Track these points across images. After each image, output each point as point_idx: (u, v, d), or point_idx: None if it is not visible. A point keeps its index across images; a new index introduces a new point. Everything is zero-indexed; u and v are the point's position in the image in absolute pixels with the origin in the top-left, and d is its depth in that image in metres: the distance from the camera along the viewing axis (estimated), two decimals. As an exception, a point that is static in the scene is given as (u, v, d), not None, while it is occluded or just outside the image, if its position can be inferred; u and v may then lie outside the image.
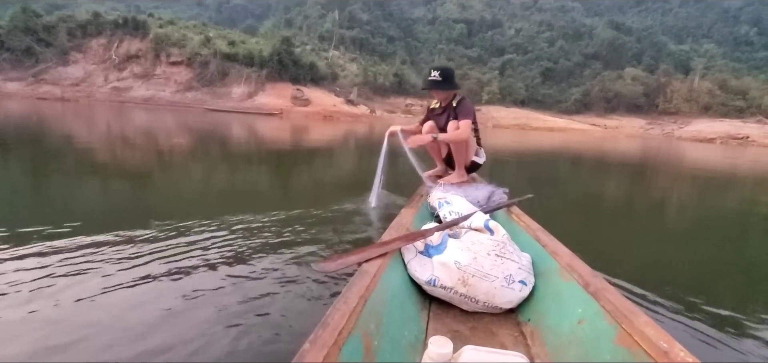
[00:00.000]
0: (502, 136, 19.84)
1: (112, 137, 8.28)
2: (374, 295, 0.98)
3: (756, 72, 49.65)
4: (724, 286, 2.25)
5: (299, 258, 1.98)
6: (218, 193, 3.81)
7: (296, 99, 31.04)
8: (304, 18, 58.67)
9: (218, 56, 33.08)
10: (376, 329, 0.90)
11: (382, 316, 0.96)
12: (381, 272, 1.11)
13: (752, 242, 3.58)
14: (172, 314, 1.44)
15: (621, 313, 0.90)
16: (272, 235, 2.29)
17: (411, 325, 1.08)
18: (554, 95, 49.53)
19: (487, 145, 2.98)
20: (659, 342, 0.78)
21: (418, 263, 1.31)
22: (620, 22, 64.48)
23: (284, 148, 8.42)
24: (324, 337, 0.73)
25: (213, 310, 1.47)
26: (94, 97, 28.90)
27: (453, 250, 1.28)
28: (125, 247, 1.99)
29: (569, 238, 1.49)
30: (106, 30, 34.46)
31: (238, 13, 71.07)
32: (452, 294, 1.23)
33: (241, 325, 1.38)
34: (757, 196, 6.09)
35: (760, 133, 32.15)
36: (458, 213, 1.70)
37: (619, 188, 6.49)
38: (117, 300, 1.52)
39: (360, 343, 0.82)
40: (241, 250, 2.03)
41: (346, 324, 0.79)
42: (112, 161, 5.30)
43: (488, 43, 60.56)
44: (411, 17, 66.33)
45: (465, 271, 1.22)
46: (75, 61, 32.66)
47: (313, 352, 0.69)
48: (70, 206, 2.99)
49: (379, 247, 1.27)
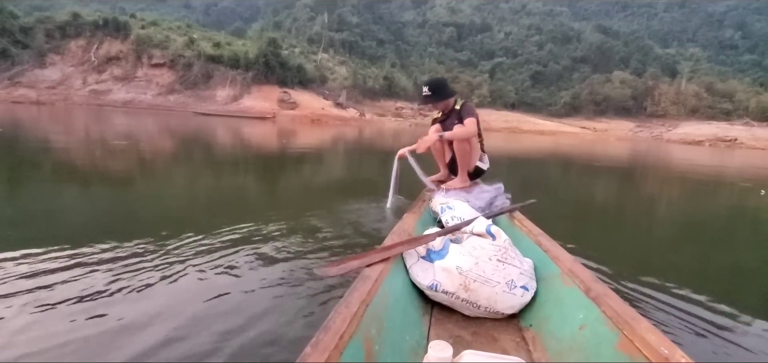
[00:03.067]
0: (493, 140, 19.39)
1: (102, 143, 7.60)
2: (376, 300, 0.99)
3: (741, 75, 50.55)
4: (725, 286, 2.22)
5: (302, 262, 1.97)
6: (214, 199, 3.70)
7: (283, 102, 30.26)
8: (292, 21, 58.17)
9: (202, 58, 32.16)
10: (377, 334, 0.90)
11: (384, 320, 0.96)
12: (383, 277, 1.12)
13: (753, 242, 3.50)
14: (173, 315, 1.42)
15: (622, 319, 0.90)
16: (273, 239, 2.28)
17: (412, 329, 1.09)
18: (544, 98, 49.72)
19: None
20: (660, 348, 0.77)
21: (420, 268, 1.31)
22: (607, 26, 65.42)
23: (282, 153, 8.22)
24: (325, 341, 0.74)
25: (215, 313, 1.47)
26: (71, 101, 27.84)
27: (455, 255, 1.28)
28: (127, 252, 1.96)
29: (569, 242, 1.51)
30: (86, 31, 33.36)
31: (226, 16, 70.32)
32: (454, 299, 1.22)
33: (243, 328, 1.37)
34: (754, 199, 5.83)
35: (748, 135, 32.44)
36: (460, 218, 1.68)
37: (617, 191, 6.33)
38: (119, 302, 1.50)
39: (361, 348, 0.82)
40: (242, 254, 2.03)
41: (347, 328, 0.80)
42: (115, 169, 4.94)
43: (478, 46, 60.77)
44: (401, 20, 66.30)
45: (467, 276, 1.22)
46: (52, 63, 31.55)
47: (314, 355, 0.70)
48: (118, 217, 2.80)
49: (381, 252, 1.28)
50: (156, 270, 1.77)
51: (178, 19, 48.06)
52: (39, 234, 2.20)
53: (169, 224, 2.45)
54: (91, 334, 1.28)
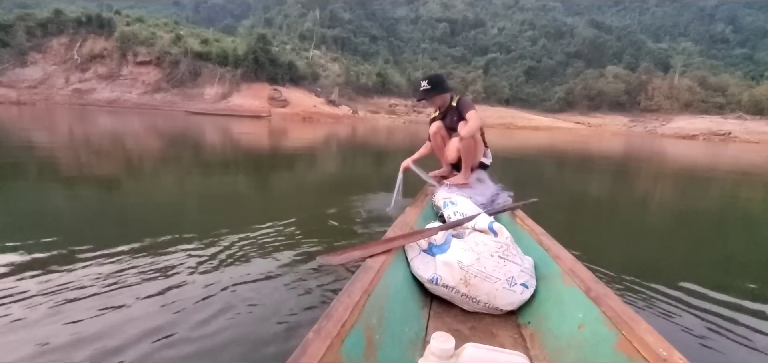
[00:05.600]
0: (488, 136, 19.02)
1: (106, 145, 7.02)
2: (377, 291, 1.00)
3: (732, 69, 50.66)
4: (726, 282, 2.14)
5: (303, 253, 1.98)
6: (214, 197, 3.64)
7: (273, 100, 29.52)
8: (284, 17, 57.30)
9: (189, 55, 31.25)
10: (378, 324, 0.92)
11: (385, 311, 0.98)
12: (384, 268, 1.13)
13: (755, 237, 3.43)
14: (174, 311, 1.42)
15: (622, 320, 0.90)
16: (274, 233, 2.28)
17: (412, 321, 1.10)
18: (538, 94, 49.49)
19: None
20: (659, 349, 0.78)
21: (421, 261, 1.32)
22: (600, 21, 65.37)
23: (278, 151, 8.22)
24: (328, 328, 0.76)
25: (216, 299, 1.48)
26: (53, 100, 26.92)
27: (456, 250, 1.28)
28: (128, 249, 1.95)
29: (568, 239, 1.51)
30: (69, 28, 32.29)
31: (216, 13, 69.08)
32: (454, 293, 1.23)
33: (245, 315, 1.38)
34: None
35: (742, 129, 32.46)
36: (463, 214, 1.66)
37: (617, 188, 6.19)
38: (124, 299, 1.48)
39: (362, 336, 0.84)
40: (246, 245, 2.05)
41: (349, 317, 0.81)
42: (117, 170, 4.84)
43: (471, 42, 60.38)
44: (393, 16, 65.71)
45: (467, 271, 1.22)
46: (34, 62, 30.52)
47: (316, 342, 0.71)
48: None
49: (383, 244, 1.29)
50: (155, 267, 1.76)
51: (167, 16, 46.91)
52: (42, 240, 2.07)
53: (169, 224, 2.42)
54: (92, 332, 1.26)
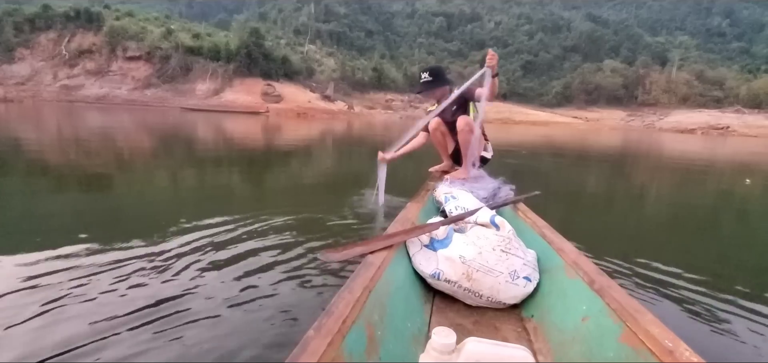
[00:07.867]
0: (486, 131, 18.75)
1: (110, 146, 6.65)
2: (378, 286, 0.99)
3: (729, 62, 50.47)
4: (729, 272, 2.16)
5: (304, 249, 1.95)
6: (212, 193, 3.65)
7: (267, 95, 28.97)
8: (278, 11, 56.58)
9: (180, 50, 30.59)
10: (379, 320, 0.91)
11: (386, 307, 0.97)
12: (386, 264, 1.11)
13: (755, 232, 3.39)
14: (174, 304, 1.42)
15: (626, 312, 0.89)
16: (273, 229, 2.25)
17: (414, 317, 1.09)
18: (535, 88, 49.14)
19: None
20: (664, 341, 0.77)
21: (423, 256, 1.31)
22: (597, 15, 65.04)
23: (273, 148, 8.09)
24: (328, 325, 0.75)
25: (215, 297, 1.47)
26: (41, 97, 26.31)
27: (458, 245, 1.27)
28: (121, 248, 1.90)
29: (571, 233, 1.49)
30: (57, 23, 31.60)
31: (210, 8, 68.29)
32: (456, 288, 1.22)
33: (244, 313, 1.37)
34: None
35: (740, 122, 32.26)
36: (464, 208, 1.64)
37: (617, 183, 6.06)
38: (117, 297, 1.45)
39: (363, 333, 0.83)
40: (246, 242, 2.04)
41: (350, 313, 0.80)
42: (111, 169, 4.69)
43: (468, 36, 59.90)
44: (389, 11, 65.05)
45: (470, 265, 1.21)
46: (21, 58, 29.90)
47: (317, 339, 0.70)
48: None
49: (385, 240, 1.27)
50: (151, 266, 1.72)
51: (160, 11, 46.06)
52: (36, 239, 2.00)
53: (165, 222, 2.38)
54: (83, 331, 1.23)
